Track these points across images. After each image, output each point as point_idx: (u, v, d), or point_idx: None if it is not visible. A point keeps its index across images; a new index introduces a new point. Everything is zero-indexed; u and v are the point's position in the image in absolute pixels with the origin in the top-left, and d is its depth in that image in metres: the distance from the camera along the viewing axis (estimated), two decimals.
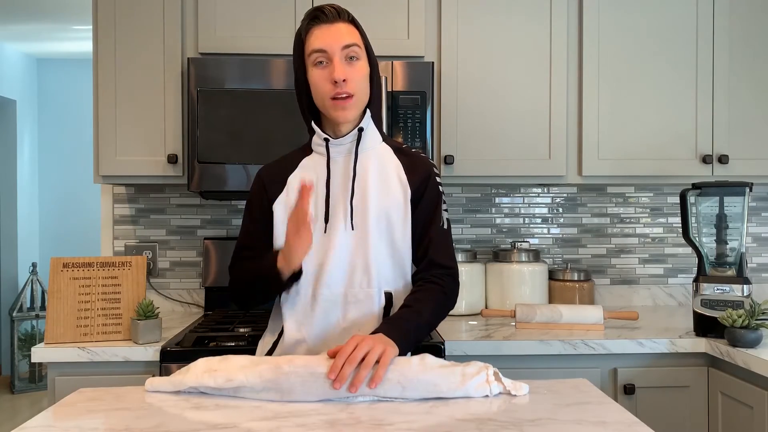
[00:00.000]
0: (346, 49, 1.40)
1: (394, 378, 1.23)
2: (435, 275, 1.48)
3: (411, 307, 1.41)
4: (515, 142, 2.29)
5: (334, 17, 1.40)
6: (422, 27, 2.25)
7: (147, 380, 1.31)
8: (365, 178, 1.47)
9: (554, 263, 2.65)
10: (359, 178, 1.47)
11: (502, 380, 1.28)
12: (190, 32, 2.23)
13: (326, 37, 1.39)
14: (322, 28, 1.40)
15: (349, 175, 1.47)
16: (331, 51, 1.39)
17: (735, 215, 2.00)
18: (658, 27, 2.33)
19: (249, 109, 2.11)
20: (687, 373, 1.97)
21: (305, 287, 1.47)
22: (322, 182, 1.48)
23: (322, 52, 1.39)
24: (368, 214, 1.45)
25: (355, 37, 1.42)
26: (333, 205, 1.46)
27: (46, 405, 4.45)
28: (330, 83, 1.39)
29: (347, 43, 1.40)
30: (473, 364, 1.29)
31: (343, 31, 1.40)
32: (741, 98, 2.34)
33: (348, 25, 1.42)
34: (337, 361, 1.20)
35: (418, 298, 1.44)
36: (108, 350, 1.86)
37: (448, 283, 1.49)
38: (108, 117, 2.20)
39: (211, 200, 2.54)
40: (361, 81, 1.42)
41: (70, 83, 5.78)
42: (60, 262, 1.92)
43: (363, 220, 1.46)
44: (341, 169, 1.48)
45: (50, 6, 4.20)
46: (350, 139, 1.47)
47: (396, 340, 1.31)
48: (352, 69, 1.41)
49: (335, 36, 1.39)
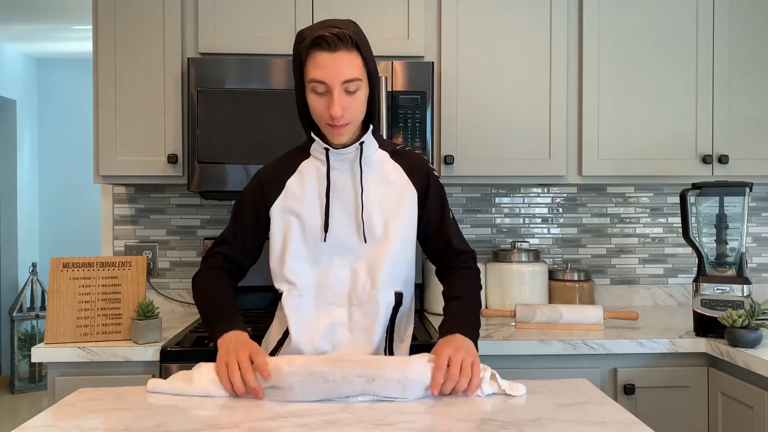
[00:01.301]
0: (346, 84, 1.37)
1: (395, 378, 1.23)
2: (463, 261, 1.57)
3: (463, 299, 1.50)
4: (515, 143, 2.29)
5: (336, 46, 1.35)
6: (422, 27, 2.25)
7: (149, 381, 1.31)
8: (374, 190, 1.49)
9: (554, 263, 2.65)
10: (367, 191, 1.48)
11: (498, 381, 1.29)
12: (190, 32, 2.23)
13: (327, 68, 1.35)
14: (323, 56, 1.35)
15: (353, 187, 1.48)
16: (331, 84, 1.36)
17: (735, 215, 2.00)
18: (658, 27, 2.33)
19: (249, 109, 2.11)
20: (687, 373, 1.97)
21: (308, 291, 1.48)
22: (322, 191, 1.48)
23: (321, 83, 1.37)
24: (373, 223, 1.47)
25: (356, 70, 1.37)
26: (331, 214, 1.47)
27: (46, 405, 4.45)
28: (327, 113, 1.39)
29: (348, 78, 1.36)
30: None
31: (344, 63, 1.36)
32: (741, 98, 2.34)
33: (350, 54, 1.37)
34: (437, 377, 1.25)
35: (464, 287, 1.52)
36: (108, 350, 1.86)
37: (475, 266, 1.60)
38: (108, 117, 2.20)
39: (210, 200, 2.54)
40: (358, 110, 1.42)
41: (70, 83, 5.78)
42: (60, 262, 1.92)
43: (370, 230, 1.47)
44: (341, 179, 1.48)
45: (50, 6, 4.20)
46: (351, 151, 1.47)
47: (472, 337, 1.40)
48: (351, 101, 1.39)
49: (336, 69, 1.35)
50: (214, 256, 1.58)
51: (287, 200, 1.49)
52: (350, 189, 1.48)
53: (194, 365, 1.36)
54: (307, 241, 1.48)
